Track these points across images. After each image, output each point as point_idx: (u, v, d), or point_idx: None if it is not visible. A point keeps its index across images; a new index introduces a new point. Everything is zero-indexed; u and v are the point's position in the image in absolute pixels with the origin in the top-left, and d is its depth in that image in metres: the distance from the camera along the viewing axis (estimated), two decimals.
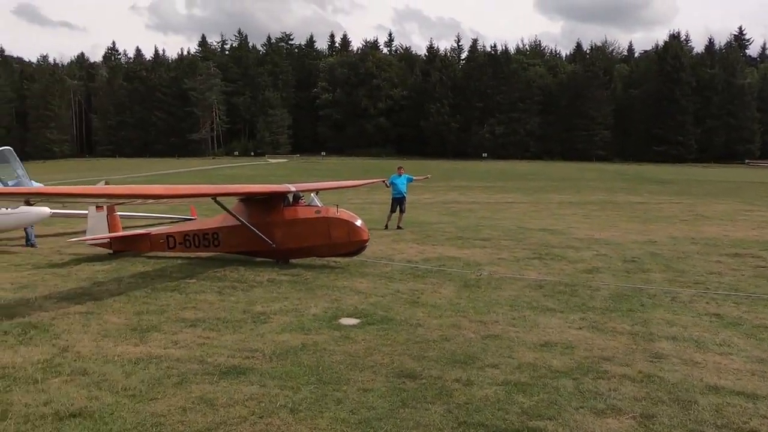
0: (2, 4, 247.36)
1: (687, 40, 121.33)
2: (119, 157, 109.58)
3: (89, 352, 6.65)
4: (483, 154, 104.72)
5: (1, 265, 12.28)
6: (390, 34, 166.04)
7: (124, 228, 14.33)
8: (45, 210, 14.20)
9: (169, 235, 12.89)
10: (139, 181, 42.17)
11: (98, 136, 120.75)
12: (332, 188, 17.49)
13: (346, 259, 12.09)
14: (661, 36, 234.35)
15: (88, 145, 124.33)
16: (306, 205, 12.12)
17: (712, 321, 8.06)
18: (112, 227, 13.40)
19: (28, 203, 9.54)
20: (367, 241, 11.78)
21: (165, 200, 13.82)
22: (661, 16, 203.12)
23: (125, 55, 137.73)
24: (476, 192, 37.95)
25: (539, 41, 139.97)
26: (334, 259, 12.24)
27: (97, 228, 13.42)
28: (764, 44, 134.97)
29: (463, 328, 7.60)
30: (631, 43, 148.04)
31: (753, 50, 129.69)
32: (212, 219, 13.32)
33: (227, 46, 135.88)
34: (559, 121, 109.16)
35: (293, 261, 12.16)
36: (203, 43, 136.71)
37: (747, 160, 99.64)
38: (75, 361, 6.36)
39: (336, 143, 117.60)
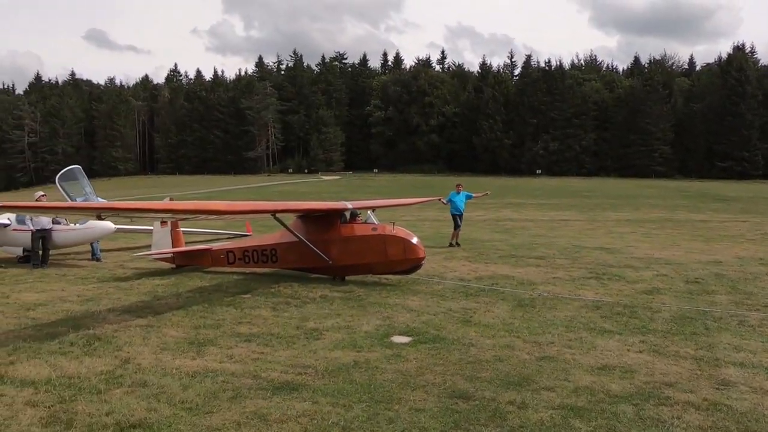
0: (73, 31, 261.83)
1: (752, 51, 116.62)
2: (179, 174, 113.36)
3: (149, 364, 6.85)
4: (537, 171, 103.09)
5: (68, 278, 12.84)
6: (443, 52, 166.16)
7: (187, 243, 14.80)
8: (110, 225, 14.80)
9: (229, 251, 13.20)
10: (199, 197, 43.50)
11: (160, 154, 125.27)
12: (388, 206, 17.52)
13: (398, 277, 12.08)
14: (724, 48, 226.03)
15: (150, 162, 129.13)
16: (362, 223, 12.19)
17: None
18: (175, 242, 13.86)
19: (99, 217, 9.99)
20: (423, 258, 11.76)
21: (226, 216, 14.20)
22: (724, 28, 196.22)
23: (186, 76, 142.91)
24: (530, 209, 37.39)
25: (595, 56, 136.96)
26: (386, 276, 12.25)
27: (161, 243, 13.94)
28: None
29: (517, 349, 7.45)
30: (692, 56, 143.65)
31: None
32: (270, 235, 13.54)
33: (283, 66, 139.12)
34: (616, 137, 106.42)
35: (348, 278, 12.24)
36: (260, 63, 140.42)
37: None
38: (135, 372, 6.56)
39: (388, 160, 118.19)
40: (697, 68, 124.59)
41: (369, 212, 12.59)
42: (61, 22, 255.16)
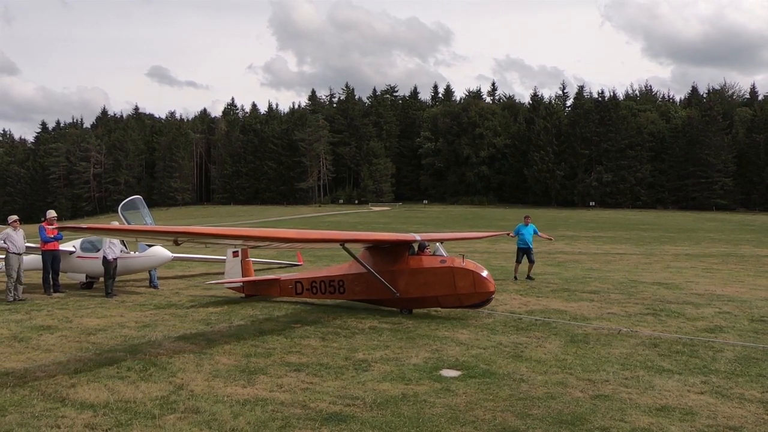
0: (137, 68, 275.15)
1: None
2: (233, 204, 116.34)
3: (201, 391, 6.98)
4: (590, 203, 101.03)
5: (127, 304, 13.29)
6: (493, 84, 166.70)
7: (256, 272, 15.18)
8: (167, 253, 15.29)
9: (297, 281, 13.19)
10: (252, 227, 44.48)
11: (215, 185, 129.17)
12: (456, 239, 17.25)
13: (448, 309, 11.98)
14: None
15: (206, 192, 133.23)
16: (431, 255, 11.97)
17: None
18: (244, 272, 14.12)
19: (176, 242, 10.30)
20: (493, 293, 11.45)
21: (297, 245, 14.30)
22: None
23: (242, 109, 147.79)
24: (583, 242, 36.58)
25: (650, 86, 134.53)
26: (435, 308, 12.16)
27: (232, 272, 14.29)
28: None
29: (569, 386, 7.24)
30: (753, 84, 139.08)
31: None
32: (338, 266, 13.50)
33: (335, 99, 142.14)
34: (673, 169, 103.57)
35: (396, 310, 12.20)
36: (313, 96, 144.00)
37: None
38: (188, 399, 6.70)
39: (437, 191, 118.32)
40: (760, 98, 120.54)
41: (437, 244, 12.39)
42: (126, 59, 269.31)
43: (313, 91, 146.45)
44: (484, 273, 11.43)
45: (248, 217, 66.68)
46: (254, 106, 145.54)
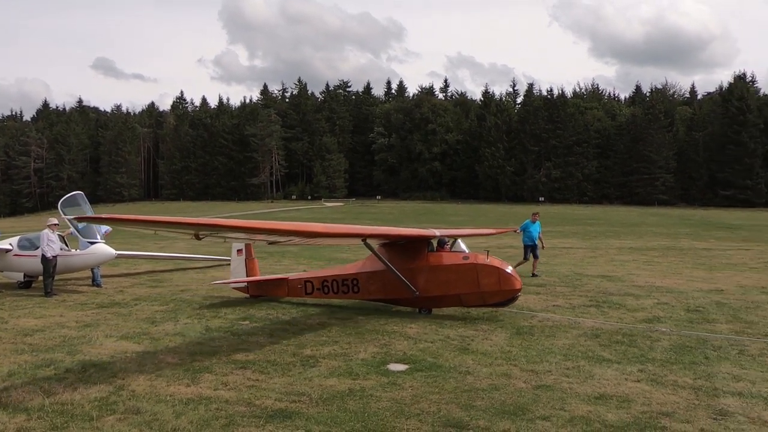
0: (81, 59, 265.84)
1: (753, 81, 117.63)
2: (183, 200, 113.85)
3: (143, 391, 6.82)
4: (539, 198, 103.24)
5: (67, 304, 12.85)
6: (445, 80, 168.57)
7: (188, 269, 14.74)
8: (111, 251, 14.85)
9: (307, 281, 12.56)
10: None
11: (164, 180, 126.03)
12: (467, 235, 16.41)
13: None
14: (721, 78, 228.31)
15: (154, 188, 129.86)
16: (452, 251, 11.50)
17: None
18: (249, 272, 13.43)
19: (197, 237, 9.78)
20: (519, 290, 11.01)
21: (322, 240, 12.89)
22: (721, 58, 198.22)
23: (192, 103, 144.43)
24: None
25: (596, 85, 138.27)
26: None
27: (236, 272, 13.68)
28: None
29: (513, 377, 7.40)
30: (693, 84, 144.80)
31: None
32: (351, 265, 12.93)
33: (287, 94, 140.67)
34: (618, 165, 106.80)
35: (346, 304, 12.18)
36: (264, 91, 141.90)
37: None
38: (129, 399, 6.53)
39: (390, 187, 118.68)
40: (699, 97, 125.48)
41: (458, 240, 11.93)
42: (69, 50, 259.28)
43: (265, 86, 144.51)
44: (509, 269, 11.07)
45: (199, 213, 65.44)
46: (204, 100, 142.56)
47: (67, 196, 16.28)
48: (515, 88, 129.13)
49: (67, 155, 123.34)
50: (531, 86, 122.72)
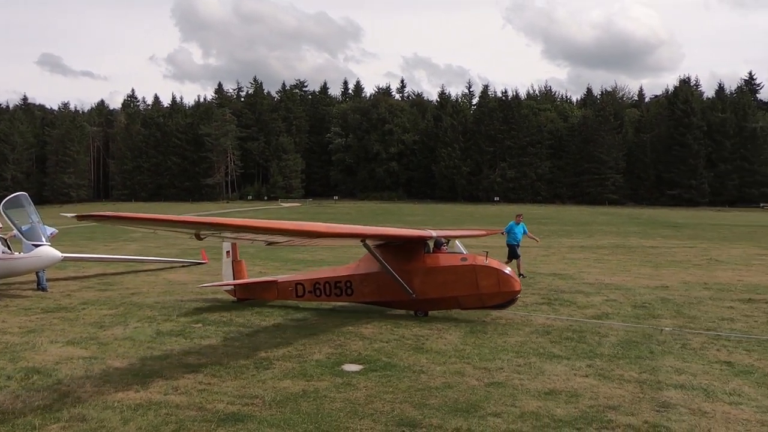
0: (26, 55, 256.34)
1: (697, 84, 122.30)
2: (134, 201, 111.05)
3: (89, 397, 6.63)
4: (494, 198, 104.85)
5: (10, 309, 12.37)
6: (402, 81, 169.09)
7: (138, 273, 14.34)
8: (57, 254, 14.35)
9: (298, 283, 12.20)
10: None
11: (114, 181, 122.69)
12: (460, 236, 15.89)
13: (352, 304, 12.03)
14: (667, 82, 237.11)
15: (104, 189, 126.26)
16: (450, 252, 11.36)
17: (723, 369, 7.89)
18: (237, 274, 13.08)
19: (198, 237, 9.36)
20: (519, 292, 10.92)
21: (320, 241, 12.13)
22: (667, 63, 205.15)
23: (144, 102, 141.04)
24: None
25: (549, 87, 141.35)
26: (340, 303, 12.19)
27: (225, 274, 13.32)
28: None
29: (466, 375, 7.50)
30: (641, 87, 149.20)
31: (764, 95, 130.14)
32: (344, 266, 12.58)
33: (243, 93, 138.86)
34: (570, 166, 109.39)
35: (304, 305, 12.10)
36: (219, 90, 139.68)
37: (762, 204, 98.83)
38: (74, 406, 6.34)
39: (347, 187, 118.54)
40: (646, 100, 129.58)
41: (456, 241, 11.82)
42: (13, 45, 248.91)
43: (220, 85, 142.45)
44: (508, 270, 11.02)
45: (152, 214, 63.91)
46: (156, 98, 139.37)
47: (10, 197, 15.65)
48: (471, 90, 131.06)
49: (11, 154, 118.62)
50: (486, 87, 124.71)
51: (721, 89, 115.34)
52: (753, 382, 7.33)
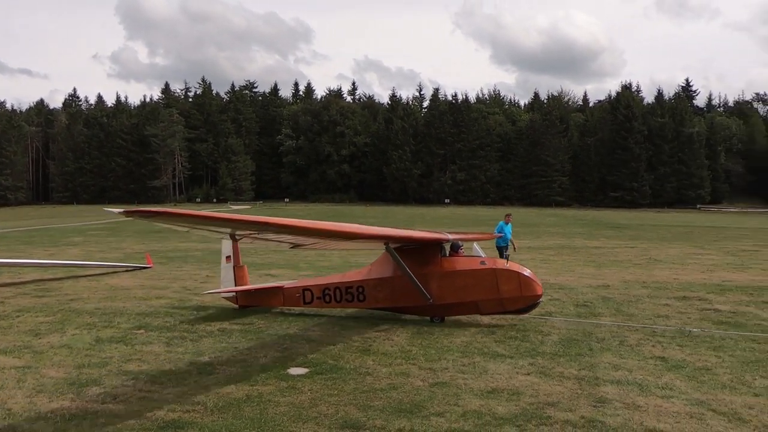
0: None
1: (638, 90, 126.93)
2: (76, 203, 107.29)
3: (21, 408, 6.37)
4: (445, 200, 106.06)
5: None
6: (353, 83, 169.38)
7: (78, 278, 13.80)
8: None
9: (305, 289, 11.68)
10: (102, 227, 41.22)
11: (55, 183, 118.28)
12: (469, 239, 15.13)
13: (299, 308, 11.95)
14: (610, 87, 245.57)
15: (44, 191, 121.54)
16: (468, 256, 11.12)
17: (657, 364, 8.21)
18: (238, 280, 12.36)
19: (233, 237, 8.77)
20: (541, 296, 10.63)
21: (350, 243, 11.47)
22: (609, 69, 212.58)
23: (86, 101, 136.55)
24: None
25: (498, 91, 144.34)
26: (288, 307, 12.09)
27: (226, 280, 12.59)
28: (710, 95, 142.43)
29: (412, 376, 7.56)
30: (585, 93, 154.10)
31: (700, 101, 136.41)
32: (355, 271, 12.14)
33: (191, 94, 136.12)
34: (518, 168, 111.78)
35: (250, 309, 11.95)
36: (166, 90, 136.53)
37: (698, 205, 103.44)
38: (5, 419, 6.09)
39: (299, 189, 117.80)
40: (591, 105, 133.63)
41: (474, 244, 11.59)
42: None
43: (167, 84, 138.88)
44: (529, 273, 10.69)
45: (95, 217, 61.78)
46: (100, 98, 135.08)
47: None
48: (421, 93, 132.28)
49: None
50: (436, 91, 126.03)
51: (660, 95, 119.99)
52: (684, 376, 7.65)
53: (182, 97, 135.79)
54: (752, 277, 17.68)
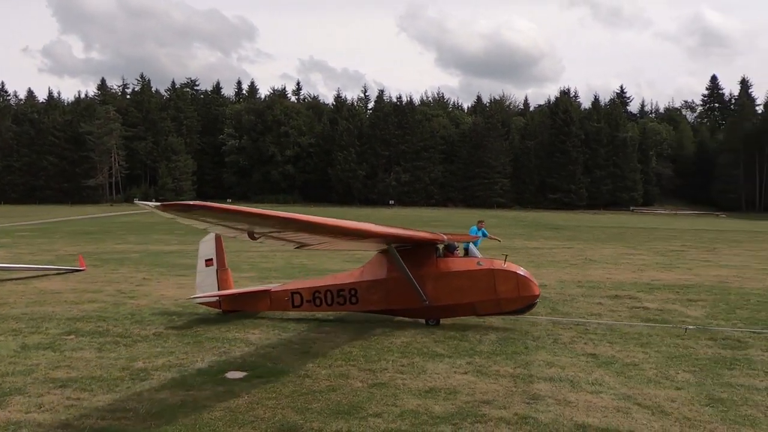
0: None
1: (576, 95, 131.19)
2: (4, 203, 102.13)
3: None
4: (390, 201, 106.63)
5: None
6: (298, 83, 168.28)
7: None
8: None
9: (294, 292, 11.31)
10: (33, 228, 39.33)
11: None
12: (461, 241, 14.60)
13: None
14: (549, 92, 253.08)
15: None
16: (464, 257, 10.98)
17: (588, 361, 8.51)
18: (222, 284, 11.81)
19: (252, 236, 8.20)
20: (538, 296, 10.65)
21: (356, 243, 10.98)
22: (549, 74, 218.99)
23: (15, 96, 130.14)
24: None
25: (442, 93, 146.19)
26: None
27: (204, 285, 11.90)
28: (642, 102, 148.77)
29: (351, 378, 7.58)
30: (526, 97, 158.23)
31: (633, 107, 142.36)
32: (346, 273, 11.82)
33: (129, 90, 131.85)
34: (461, 170, 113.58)
35: (187, 312, 11.68)
36: (102, 86, 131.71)
37: (632, 207, 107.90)
38: None
39: (241, 189, 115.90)
40: (531, 109, 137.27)
41: (470, 244, 11.31)
42: None
43: (103, 80, 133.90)
44: (526, 273, 10.68)
45: (25, 218, 58.97)
46: (30, 93, 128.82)
47: None
48: (366, 94, 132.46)
49: None
50: (381, 92, 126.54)
51: (596, 101, 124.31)
52: (613, 371, 7.96)
53: (120, 93, 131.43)
54: (678, 276, 18.58)
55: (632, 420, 6.18)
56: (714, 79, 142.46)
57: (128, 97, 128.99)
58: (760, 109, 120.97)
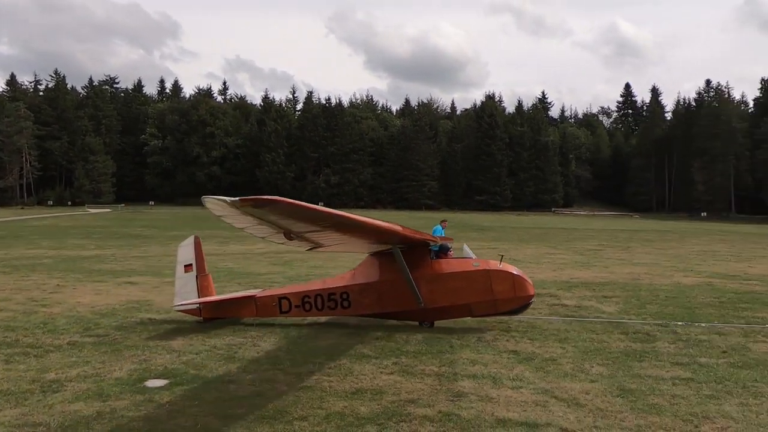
0: None
1: (500, 100, 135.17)
2: None
3: None
4: (319, 203, 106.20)
5: None
6: (224, 83, 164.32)
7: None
8: None
9: (282, 297, 10.92)
10: None
11: None
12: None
13: (163, 315, 11.41)
14: (475, 97, 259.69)
15: None
16: (459, 258, 10.85)
17: (510, 357, 8.78)
18: (202, 291, 11.20)
19: (289, 236, 7.51)
20: (533, 296, 10.63)
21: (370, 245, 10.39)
22: (474, 79, 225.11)
23: None
24: None
25: (371, 96, 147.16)
26: (150, 315, 11.49)
27: (184, 291, 11.14)
28: (563, 107, 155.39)
29: (277, 382, 7.50)
30: (453, 101, 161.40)
31: (554, 112, 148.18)
32: (338, 277, 11.48)
33: (41, 87, 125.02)
34: (390, 172, 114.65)
35: (104, 319, 11.19)
36: (12, 82, 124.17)
37: (553, 209, 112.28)
38: None
39: (165, 191, 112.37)
40: (458, 112, 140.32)
41: (465, 246, 11.18)
42: None
43: (13, 76, 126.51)
44: (520, 273, 10.63)
45: None
46: None
47: None
48: (295, 95, 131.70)
49: None
50: (310, 94, 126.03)
51: (520, 105, 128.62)
52: (533, 367, 8.26)
53: (31, 90, 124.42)
54: (595, 274, 19.50)
55: (549, 413, 6.43)
56: (628, 86, 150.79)
57: (41, 94, 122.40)
58: (669, 116, 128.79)
